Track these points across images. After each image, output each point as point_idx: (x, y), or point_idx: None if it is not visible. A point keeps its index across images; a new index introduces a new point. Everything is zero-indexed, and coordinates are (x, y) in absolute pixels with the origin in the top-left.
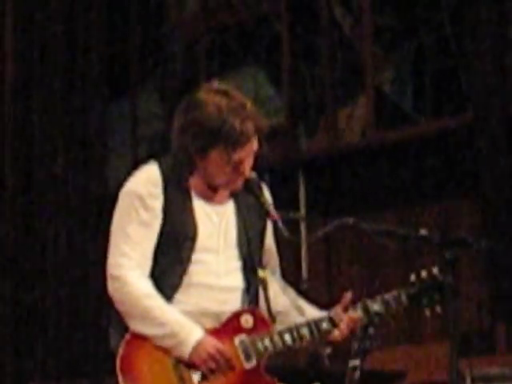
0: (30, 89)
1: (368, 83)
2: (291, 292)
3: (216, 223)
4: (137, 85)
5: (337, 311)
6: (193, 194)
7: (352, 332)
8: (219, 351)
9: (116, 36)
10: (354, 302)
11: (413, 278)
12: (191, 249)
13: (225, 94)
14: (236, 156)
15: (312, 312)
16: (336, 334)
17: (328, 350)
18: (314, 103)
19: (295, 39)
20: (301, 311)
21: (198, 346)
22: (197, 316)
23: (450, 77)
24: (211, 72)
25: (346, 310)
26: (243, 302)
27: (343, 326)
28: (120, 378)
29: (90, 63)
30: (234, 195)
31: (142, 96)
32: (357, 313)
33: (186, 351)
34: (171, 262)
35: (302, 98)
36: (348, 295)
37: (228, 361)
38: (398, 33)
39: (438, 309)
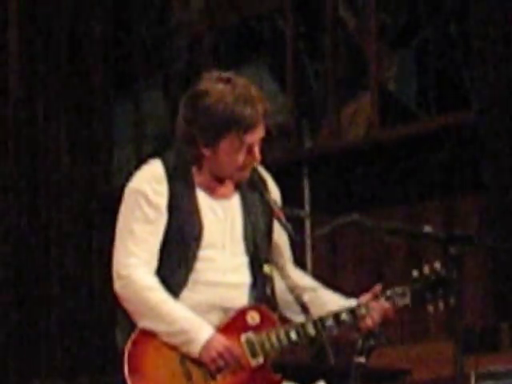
0: (35, 86)
1: (372, 81)
2: (310, 281)
3: (222, 218)
4: (141, 83)
5: (364, 301)
6: (198, 189)
7: (385, 320)
8: (228, 350)
9: (120, 34)
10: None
11: (415, 274)
12: (197, 246)
13: (227, 81)
14: (248, 139)
15: (338, 299)
16: (368, 321)
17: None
18: (318, 101)
19: (299, 37)
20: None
21: (208, 344)
22: (204, 312)
23: (453, 74)
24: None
25: (375, 298)
26: (250, 297)
27: (375, 313)
28: (127, 376)
29: (94, 61)
30: (239, 189)
31: (145, 94)
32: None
33: (195, 349)
34: (177, 259)
35: (306, 96)
36: (377, 287)
37: (237, 360)
38: (402, 30)
39: (441, 305)
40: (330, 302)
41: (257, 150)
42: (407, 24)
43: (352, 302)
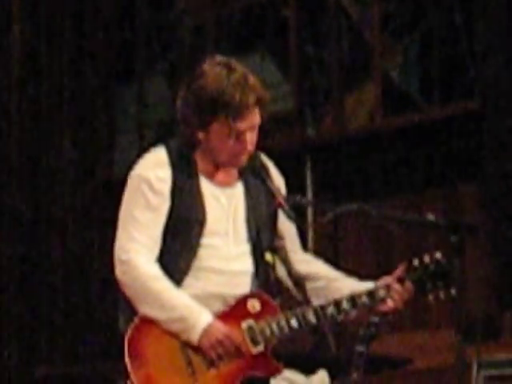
0: (38, 73)
1: (375, 69)
2: (324, 265)
3: (225, 206)
4: (144, 69)
5: (384, 283)
6: (201, 177)
7: (406, 303)
8: (228, 337)
9: (124, 21)
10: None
11: (416, 263)
12: (200, 233)
13: (226, 65)
14: (237, 126)
15: (351, 285)
16: (389, 303)
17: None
18: (322, 89)
19: (303, 25)
20: (336, 281)
21: (207, 331)
22: (206, 300)
23: (457, 63)
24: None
25: (399, 280)
26: (253, 285)
27: (396, 296)
28: (127, 362)
29: (97, 48)
30: (243, 177)
31: (149, 81)
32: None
33: (194, 336)
34: (180, 246)
35: (310, 84)
36: (401, 269)
37: (237, 347)
38: (406, 19)
39: (442, 294)
40: (344, 287)
41: (248, 138)
42: (411, 13)
43: (369, 286)
